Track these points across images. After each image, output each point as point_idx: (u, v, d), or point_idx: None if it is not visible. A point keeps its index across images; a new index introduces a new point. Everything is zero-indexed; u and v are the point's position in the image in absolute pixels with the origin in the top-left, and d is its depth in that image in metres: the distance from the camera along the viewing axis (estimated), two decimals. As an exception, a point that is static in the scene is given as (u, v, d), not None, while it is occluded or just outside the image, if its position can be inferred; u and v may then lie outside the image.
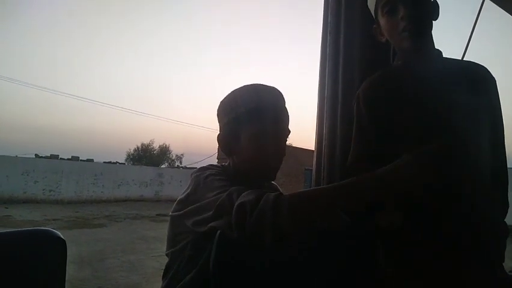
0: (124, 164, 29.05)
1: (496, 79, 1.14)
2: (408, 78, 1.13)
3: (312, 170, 1.57)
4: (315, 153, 1.54)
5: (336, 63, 1.47)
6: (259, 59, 58.07)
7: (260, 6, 55.77)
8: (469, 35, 2.43)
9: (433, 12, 1.15)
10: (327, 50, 1.52)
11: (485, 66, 1.15)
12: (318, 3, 1.62)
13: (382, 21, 1.16)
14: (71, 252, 1.01)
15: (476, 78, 1.12)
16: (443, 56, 1.17)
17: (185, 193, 1.07)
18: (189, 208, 1.02)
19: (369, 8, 1.24)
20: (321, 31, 1.59)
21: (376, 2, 1.17)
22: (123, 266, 6.73)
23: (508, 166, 1.20)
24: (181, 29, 54.63)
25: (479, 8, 2.43)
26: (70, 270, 5.47)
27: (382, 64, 1.36)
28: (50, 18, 44.97)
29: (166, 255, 1.16)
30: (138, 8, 53.34)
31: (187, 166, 28.55)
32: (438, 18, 1.17)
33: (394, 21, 1.11)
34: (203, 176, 1.05)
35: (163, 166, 32.74)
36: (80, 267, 6.28)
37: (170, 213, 1.12)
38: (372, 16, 1.25)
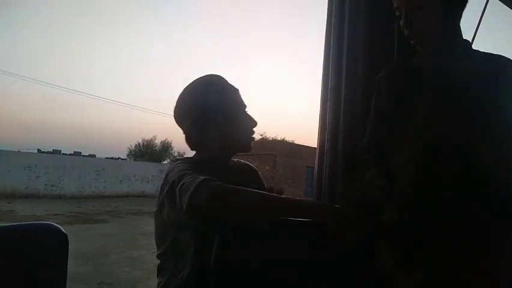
0: (126, 159, 29.10)
1: None
2: (432, 68, 1.12)
3: (314, 167, 1.56)
4: (317, 151, 1.53)
5: (340, 61, 1.47)
6: (263, 57, 57.97)
7: (263, 4, 55.61)
8: (473, 33, 2.42)
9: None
10: (331, 47, 1.51)
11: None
12: (322, 2, 1.62)
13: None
14: (72, 247, 1.01)
15: (500, 74, 1.09)
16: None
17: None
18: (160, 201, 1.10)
19: None
20: (325, 30, 1.58)
21: None
22: (125, 261, 6.75)
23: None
24: (186, 25, 54.54)
25: (484, 6, 2.43)
26: (72, 266, 5.49)
27: (386, 61, 1.35)
28: (50, 10, 44.99)
29: (158, 257, 1.17)
30: (142, 1, 53.22)
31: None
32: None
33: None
34: (170, 167, 1.16)
35: (164, 162, 32.73)
36: (82, 262, 6.29)
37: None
38: (375, 13, 1.26)
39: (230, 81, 1.24)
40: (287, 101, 57.25)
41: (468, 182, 1.00)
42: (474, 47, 1.21)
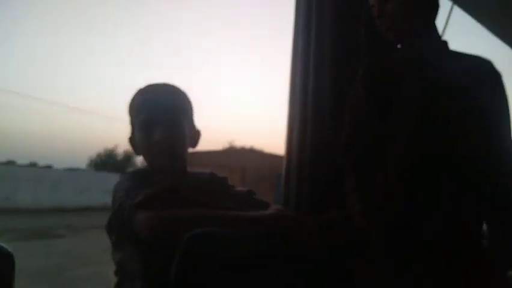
0: (87, 170, 28.16)
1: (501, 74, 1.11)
2: (410, 66, 1.14)
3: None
4: (284, 159, 1.52)
5: (307, 68, 1.46)
6: (228, 60, 58.19)
7: (229, 4, 56.04)
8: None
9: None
10: (298, 53, 1.50)
11: (491, 61, 1.12)
12: (289, 6, 1.61)
13: None
14: (27, 265, 0.93)
15: (478, 74, 1.09)
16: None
17: None
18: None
19: None
20: (292, 34, 1.57)
21: None
22: (83, 279, 6.47)
23: None
24: (153, 27, 53.89)
25: (447, 15, 2.52)
26: (25, 285, 5.21)
27: (353, 63, 1.36)
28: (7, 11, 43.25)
29: (114, 274, 1.12)
30: (106, 3, 52.17)
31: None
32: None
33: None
34: (117, 182, 1.14)
35: (127, 173, 31.99)
36: (36, 281, 5.96)
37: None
38: (343, 14, 1.31)
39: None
40: (257, 108, 57.61)
41: (452, 184, 1.02)
42: None
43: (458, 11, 2.63)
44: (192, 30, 54.57)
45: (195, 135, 1.23)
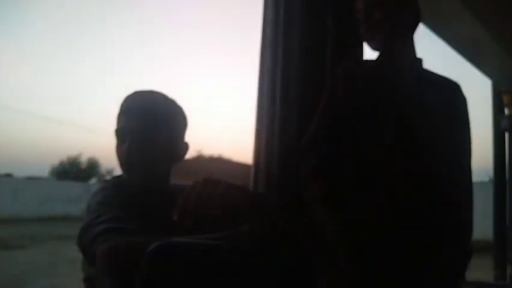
0: (48, 179, 27.15)
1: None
2: (383, 77, 1.16)
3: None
4: (252, 169, 1.49)
5: (274, 77, 1.45)
6: (195, 73, 57.89)
7: (197, 16, 55.86)
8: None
9: (406, 15, 1.19)
10: (265, 63, 1.50)
11: (459, 83, 1.20)
12: (257, 16, 1.61)
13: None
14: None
15: (447, 95, 1.16)
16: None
17: None
18: None
19: None
20: (260, 44, 1.56)
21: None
22: (44, 291, 6.19)
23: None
24: (114, 32, 52.85)
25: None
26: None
27: (320, 76, 1.36)
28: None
29: None
30: (65, 6, 50.77)
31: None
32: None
33: (361, 27, 1.19)
34: (93, 193, 1.07)
35: (92, 181, 31.04)
36: (-7, 295, 5.66)
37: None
38: (310, 28, 1.33)
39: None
40: (227, 115, 57.50)
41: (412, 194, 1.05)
42: None
43: (424, 30, 2.74)
44: (159, 38, 54.03)
45: (180, 149, 1.16)
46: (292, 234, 1.03)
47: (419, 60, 1.20)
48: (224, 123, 54.78)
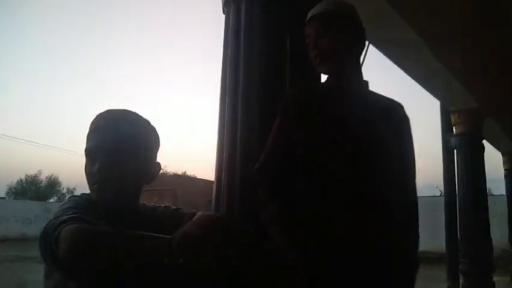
0: (5, 198, 25.75)
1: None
2: (330, 98, 1.22)
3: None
4: (214, 185, 1.53)
5: (236, 96, 1.51)
6: (156, 90, 57.17)
7: (158, 35, 55.40)
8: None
9: (355, 38, 1.25)
10: (227, 82, 1.55)
11: (402, 104, 1.30)
12: (218, 36, 1.67)
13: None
14: None
15: (392, 115, 1.25)
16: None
17: None
18: None
19: None
20: (221, 64, 1.62)
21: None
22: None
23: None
24: (75, 45, 51.52)
25: (364, 52, 2.79)
26: None
27: (280, 97, 1.38)
28: None
29: None
30: (22, 24, 49.08)
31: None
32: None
33: (311, 53, 1.24)
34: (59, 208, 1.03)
35: (51, 200, 29.69)
36: None
37: None
38: (270, 48, 1.40)
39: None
40: (190, 133, 56.82)
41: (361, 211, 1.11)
42: None
43: (373, 49, 2.94)
44: (119, 52, 53.17)
45: (151, 170, 1.14)
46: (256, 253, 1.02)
47: (366, 83, 1.28)
48: (188, 141, 54.05)
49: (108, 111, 1.10)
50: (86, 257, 0.86)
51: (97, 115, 1.09)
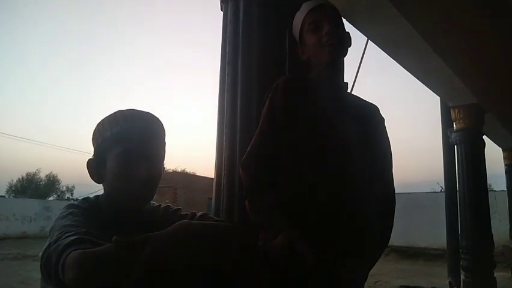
0: (5, 196, 25.77)
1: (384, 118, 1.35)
2: (318, 89, 1.25)
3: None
4: (214, 183, 1.54)
5: (235, 94, 1.51)
6: (156, 88, 57.17)
7: (157, 33, 55.33)
8: (356, 70, 2.77)
9: (348, 39, 1.31)
10: (226, 79, 1.55)
11: (378, 106, 1.35)
12: (217, 33, 1.67)
13: (307, 38, 1.27)
14: None
15: (369, 115, 1.30)
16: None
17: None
18: None
19: (294, 32, 1.33)
20: (220, 61, 1.62)
21: (302, 22, 1.28)
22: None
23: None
24: (75, 45, 51.43)
25: (364, 48, 2.79)
26: None
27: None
28: None
29: None
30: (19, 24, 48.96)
31: (79, 198, 26.26)
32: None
33: (318, 36, 1.24)
34: (57, 217, 0.99)
35: (50, 198, 29.74)
36: None
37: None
38: (268, 45, 1.38)
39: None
40: (189, 130, 56.80)
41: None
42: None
43: (371, 45, 2.93)
44: (123, 53, 53.13)
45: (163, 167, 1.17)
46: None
47: (346, 84, 1.32)
48: (188, 138, 54.09)
49: (127, 112, 1.07)
50: (95, 283, 0.82)
51: (114, 116, 1.06)
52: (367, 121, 1.27)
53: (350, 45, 1.32)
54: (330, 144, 1.18)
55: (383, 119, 1.35)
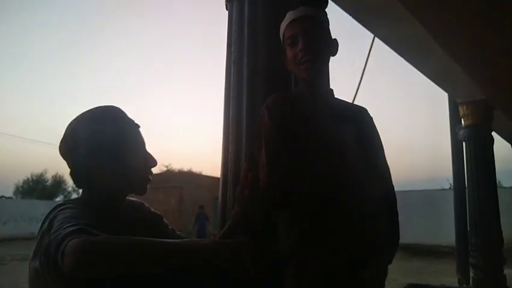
0: (12, 198, 26.01)
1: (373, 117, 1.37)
2: (305, 104, 1.25)
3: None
4: (220, 182, 1.52)
5: (240, 93, 1.50)
6: (163, 88, 57.34)
7: (162, 33, 55.46)
8: (362, 70, 2.74)
9: (332, 48, 1.29)
10: (231, 79, 1.54)
11: (365, 107, 1.37)
12: (222, 33, 1.66)
13: (287, 51, 1.27)
14: None
15: (358, 117, 1.32)
16: (334, 93, 1.33)
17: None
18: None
19: (282, 41, 1.33)
20: (225, 61, 1.61)
21: (283, 34, 1.28)
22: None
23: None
24: (81, 45, 51.72)
25: (370, 46, 2.75)
26: None
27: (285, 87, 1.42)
28: None
29: None
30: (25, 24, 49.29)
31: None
32: (337, 54, 1.32)
33: (294, 52, 1.23)
34: (52, 214, 1.00)
35: (57, 199, 29.95)
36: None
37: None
38: (274, 45, 1.36)
39: (131, 110, 1.18)
40: (194, 130, 56.96)
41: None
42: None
43: (378, 42, 2.90)
44: (128, 54, 53.32)
45: None
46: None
47: (331, 91, 1.32)
48: (193, 137, 54.22)
49: (98, 108, 1.14)
50: (94, 271, 0.82)
51: (91, 115, 1.11)
52: (358, 122, 1.29)
53: (334, 54, 1.30)
54: (329, 151, 1.17)
55: (371, 118, 1.36)
